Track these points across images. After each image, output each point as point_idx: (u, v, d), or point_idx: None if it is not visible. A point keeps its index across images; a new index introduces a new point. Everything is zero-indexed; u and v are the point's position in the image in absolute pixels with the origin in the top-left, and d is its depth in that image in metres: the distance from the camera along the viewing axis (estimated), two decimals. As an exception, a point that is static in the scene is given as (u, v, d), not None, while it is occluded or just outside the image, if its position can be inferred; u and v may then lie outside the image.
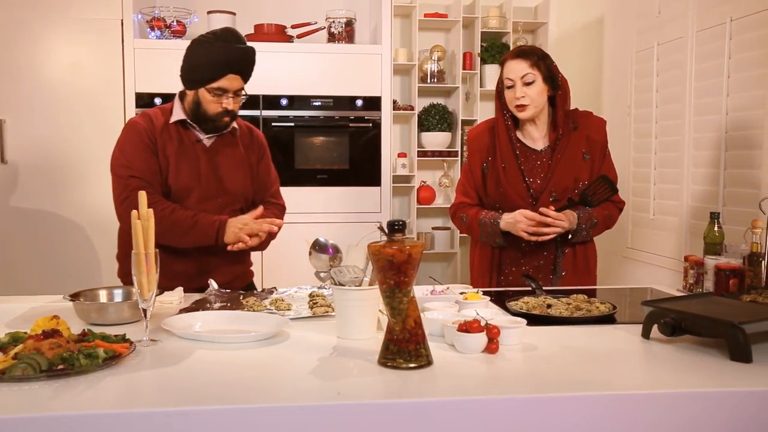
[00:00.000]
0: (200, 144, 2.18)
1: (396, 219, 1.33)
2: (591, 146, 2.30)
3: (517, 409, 1.19)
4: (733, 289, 1.88)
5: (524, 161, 2.29)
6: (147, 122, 2.14)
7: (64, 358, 1.27)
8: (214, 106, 2.10)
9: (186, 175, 2.14)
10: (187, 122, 2.16)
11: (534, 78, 2.21)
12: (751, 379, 1.28)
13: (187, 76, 2.13)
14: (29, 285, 3.36)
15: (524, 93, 2.21)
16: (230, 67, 2.07)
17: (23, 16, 3.40)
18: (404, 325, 1.33)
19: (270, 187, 2.35)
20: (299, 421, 1.14)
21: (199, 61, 2.08)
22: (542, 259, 2.31)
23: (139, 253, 1.49)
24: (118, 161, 2.13)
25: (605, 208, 2.30)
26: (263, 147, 2.35)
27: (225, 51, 2.06)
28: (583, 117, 2.33)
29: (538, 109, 2.25)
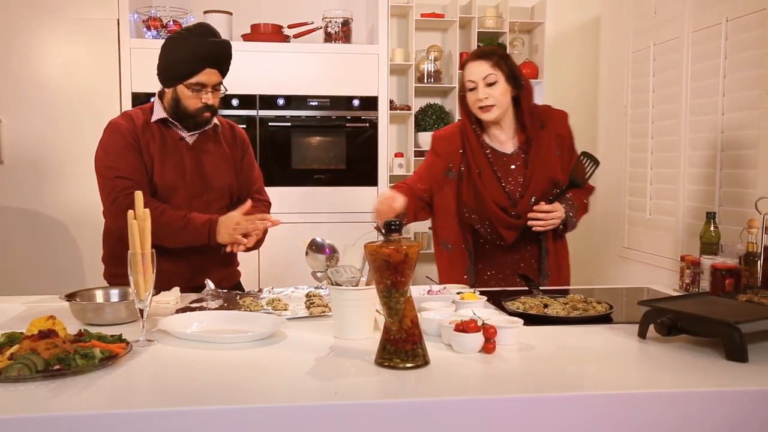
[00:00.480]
0: (183, 142, 2.17)
1: (393, 219, 1.33)
2: (561, 142, 2.28)
3: (514, 409, 1.19)
4: (729, 288, 1.88)
5: (497, 166, 2.25)
6: (128, 122, 2.14)
7: (61, 359, 1.27)
8: (193, 102, 2.10)
9: (171, 174, 2.14)
10: (168, 120, 2.15)
11: (496, 78, 2.16)
12: (746, 379, 1.28)
13: (164, 74, 2.12)
14: (26, 285, 3.35)
15: (487, 94, 2.17)
16: (207, 61, 2.07)
17: (19, 16, 3.39)
18: (401, 325, 1.33)
19: (254, 183, 2.35)
20: (296, 422, 1.14)
21: (175, 58, 2.07)
22: (524, 259, 2.28)
23: (136, 253, 1.49)
24: (103, 163, 2.13)
25: (582, 194, 2.29)
26: (245, 143, 2.35)
27: (200, 46, 2.06)
28: (546, 113, 2.29)
29: (502, 109, 2.20)
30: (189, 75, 2.07)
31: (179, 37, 2.09)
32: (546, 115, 2.28)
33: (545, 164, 2.24)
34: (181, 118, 2.14)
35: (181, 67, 2.07)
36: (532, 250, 2.29)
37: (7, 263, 3.43)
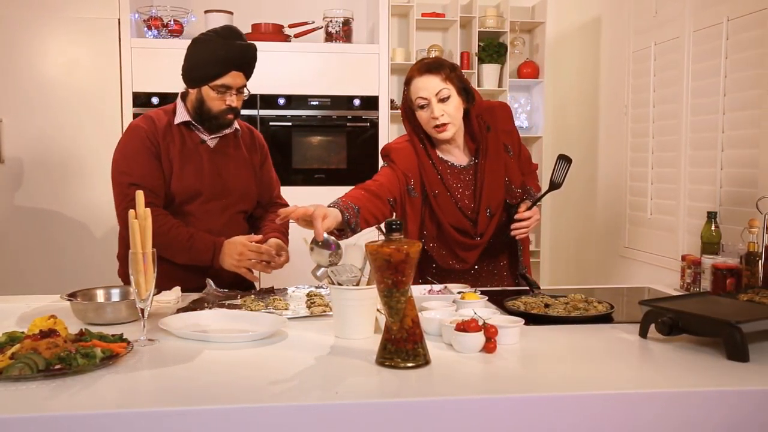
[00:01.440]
0: (204, 145, 2.17)
1: (394, 219, 1.33)
2: (509, 138, 2.16)
3: (515, 409, 1.19)
4: (730, 288, 1.88)
5: (453, 181, 2.11)
6: (149, 125, 2.13)
7: (62, 358, 1.27)
8: (218, 104, 2.10)
9: (190, 178, 2.14)
10: (191, 123, 2.15)
11: (449, 93, 2.00)
12: (748, 379, 1.28)
13: (189, 74, 2.12)
14: (28, 284, 3.35)
15: (442, 111, 1.99)
16: (233, 63, 2.07)
17: (20, 15, 3.39)
18: (402, 325, 1.33)
19: (274, 189, 2.37)
20: (297, 421, 1.14)
21: (201, 59, 2.07)
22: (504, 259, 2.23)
23: (137, 253, 1.49)
24: (119, 167, 2.12)
25: (534, 178, 2.27)
26: (264, 149, 2.35)
27: (227, 48, 2.06)
28: (489, 112, 2.14)
29: (458, 126, 2.06)
30: (215, 77, 2.06)
31: (206, 39, 2.08)
32: (489, 114, 2.14)
33: (495, 171, 2.11)
34: (204, 120, 2.14)
35: (207, 68, 2.06)
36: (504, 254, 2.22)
37: (8, 262, 3.43)
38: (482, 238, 2.12)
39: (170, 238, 2.06)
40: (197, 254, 2.09)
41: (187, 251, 2.09)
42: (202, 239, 2.09)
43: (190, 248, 2.08)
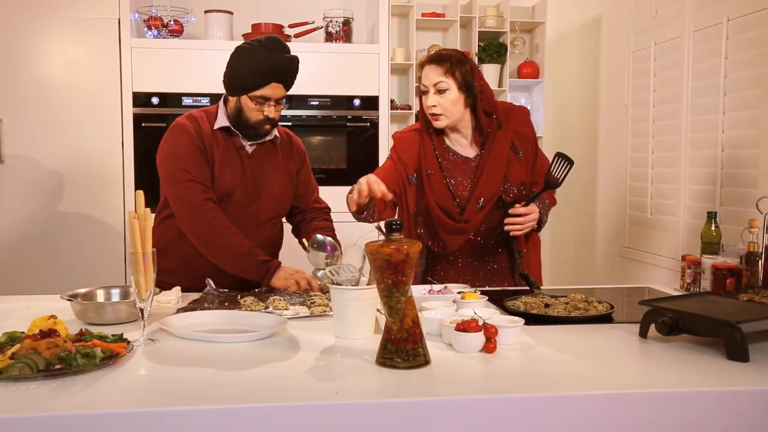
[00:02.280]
0: (243, 150, 2.18)
1: (394, 219, 1.33)
2: (521, 141, 2.19)
3: (515, 409, 1.19)
4: (730, 288, 1.88)
5: (453, 169, 2.17)
6: (195, 125, 2.13)
7: (62, 358, 1.27)
8: (255, 114, 2.09)
9: (228, 180, 2.14)
10: (230, 129, 2.16)
11: (447, 86, 2.07)
12: (748, 379, 1.28)
13: (230, 83, 2.11)
14: (29, 284, 3.36)
15: (436, 102, 2.09)
16: (273, 76, 2.05)
17: (20, 16, 3.39)
18: (402, 325, 1.33)
19: (312, 194, 2.38)
20: (297, 421, 1.14)
21: (242, 69, 2.06)
22: (497, 261, 2.23)
23: (137, 253, 1.49)
24: (175, 165, 2.10)
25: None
26: (303, 154, 2.36)
27: (269, 60, 2.04)
28: (505, 112, 2.20)
29: (452, 119, 2.12)
30: (254, 88, 2.05)
31: (250, 49, 2.07)
32: (505, 114, 2.19)
33: (495, 165, 2.14)
34: (241, 128, 2.14)
35: (247, 78, 2.05)
36: (504, 253, 2.24)
37: (8, 262, 3.43)
38: (467, 224, 2.13)
39: (229, 242, 2.05)
40: (252, 267, 2.06)
41: (242, 261, 2.06)
42: (262, 256, 2.07)
43: (245, 259, 2.05)
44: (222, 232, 2.06)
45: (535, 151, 2.24)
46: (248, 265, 2.07)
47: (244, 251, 2.06)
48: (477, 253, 2.22)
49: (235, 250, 2.06)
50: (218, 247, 2.07)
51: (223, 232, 2.06)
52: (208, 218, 2.06)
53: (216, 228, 2.05)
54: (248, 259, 2.07)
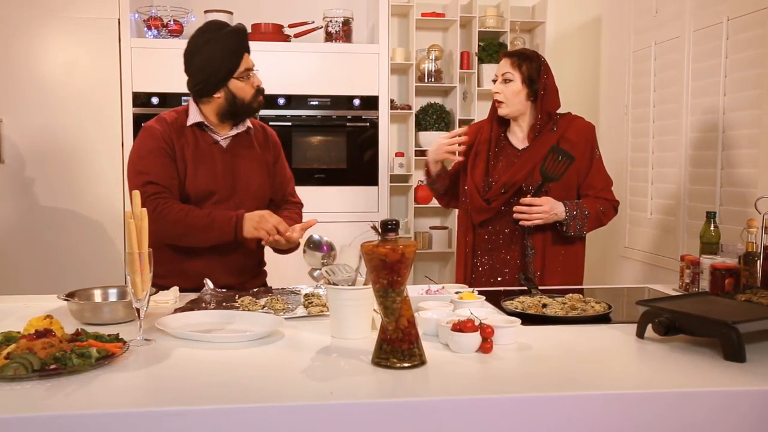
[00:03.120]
0: (217, 146, 2.18)
1: (389, 218, 1.32)
2: (569, 147, 2.27)
3: (510, 409, 1.19)
4: (728, 288, 1.87)
5: (499, 155, 2.36)
6: (163, 126, 2.14)
7: (57, 358, 1.27)
8: (248, 90, 2.13)
9: (204, 178, 2.14)
10: (203, 124, 2.16)
11: (512, 77, 2.30)
12: (744, 379, 1.28)
13: (212, 80, 2.10)
14: (29, 284, 3.36)
15: (500, 90, 2.32)
16: (241, 47, 2.12)
17: (20, 15, 3.40)
18: (397, 325, 1.32)
19: (287, 185, 2.37)
20: (292, 421, 1.14)
21: (214, 59, 2.08)
22: (510, 252, 2.33)
23: (133, 253, 1.49)
24: (135, 167, 2.12)
25: (599, 203, 2.31)
26: (278, 145, 2.36)
27: (230, 37, 2.09)
28: (565, 120, 2.37)
29: (512, 108, 2.32)
30: (236, 66, 2.10)
31: (206, 40, 2.09)
32: (565, 121, 2.35)
33: (529, 159, 2.29)
34: (238, 114, 2.16)
35: (227, 62, 2.09)
36: (516, 246, 2.33)
37: (6, 262, 3.44)
38: (489, 205, 2.31)
39: (189, 222, 2.06)
40: (220, 229, 2.07)
41: (209, 229, 2.07)
42: (222, 214, 2.09)
43: (210, 225, 2.07)
44: (179, 219, 2.06)
45: (588, 162, 2.33)
46: (217, 234, 2.08)
47: (205, 224, 2.07)
48: (495, 239, 2.35)
49: (198, 226, 2.07)
50: (183, 233, 2.07)
51: (180, 218, 2.06)
52: (163, 214, 2.05)
53: (172, 218, 2.05)
54: (213, 228, 2.08)
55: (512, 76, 2.30)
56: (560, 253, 2.32)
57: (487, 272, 2.37)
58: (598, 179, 2.35)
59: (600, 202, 2.32)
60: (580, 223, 2.26)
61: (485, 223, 2.35)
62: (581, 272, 2.41)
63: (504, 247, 2.34)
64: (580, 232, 2.28)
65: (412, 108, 3.95)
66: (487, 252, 2.37)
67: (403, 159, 3.99)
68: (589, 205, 2.29)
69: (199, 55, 2.10)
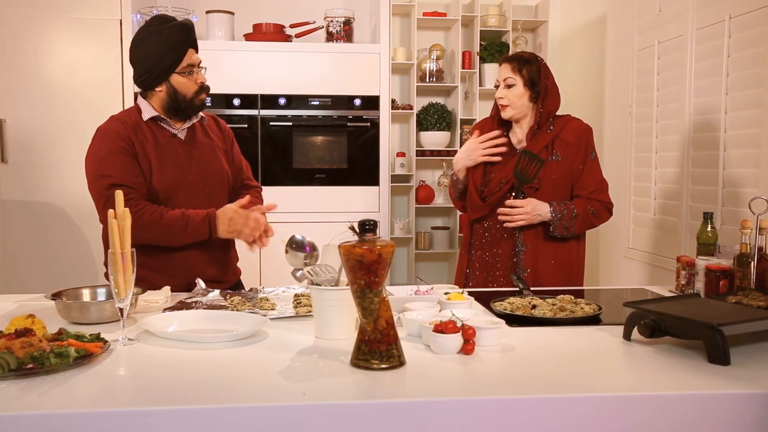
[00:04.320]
0: (176, 138, 2.18)
1: (367, 219, 1.31)
2: (562, 148, 2.34)
3: (485, 411, 1.17)
4: (723, 290, 1.84)
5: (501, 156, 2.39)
6: (119, 125, 2.13)
7: (34, 357, 1.27)
8: (190, 86, 2.13)
9: (170, 172, 2.14)
10: (159, 118, 2.16)
11: (514, 82, 2.34)
12: (726, 383, 1.25)
13: (151, 73, 2.10)
14: (30, 282, 3.38)
15: (504, 95, 2.36)
16: (186, 42, 2.11)
17: (23, 16, 3.42)
18: (376, 326, 1.31)
19: (244, 171, 2.40)
20: (262, 422, 1.13)
21: (156, 52, 2.08)
22: (501, 248, 2.38)
23: (116, 253, 1.48)
24: (96, 171, 2.09)
25: (590, 204, 2.31)
26: (230, 133, 2.38)
27: (174, 31, 2.08)
28: (562, 120, 2.40)
29: (517, 110, 2.37)
30: (178, 61, 2.09)
31: (149, 33, 2.09)
32: (562, 122, 2.38)
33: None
34: (180, 110, 2.15)
35: (168, 56, 2.08)
36: (508, 243, 2.37)
37: (11, 261, 3.46)
38: (485, 203, 2.37)
39: (164, 224, 2.06)
40: (194, 229, 2.08)
41: (184, 230, 2.08)
42: (195, 214, 2.09)
43: (186, 226, 2.07)
44: (153, 220, 2.05)
45: (575, 161, 2.33)
46: (191, 235, 2.09)
47: (181, 225, 2.07)
48: (489, 235, 2.40)
49: (174, 228, 2.07)
50: (158, 235, 2.07)
51: (154, 220, 2.05)
52: (137, 217, 2.00)
53: (146, 220, 2.03)
54: (188, 230, 2.08)
55: (514, 81, 2.34)
56: (552, 250, 2.33)
57: (482, 267, 2.41)
58: (590, 180, 2.35)
59: (592, 203, 2.32)
60: (567, 224, 2.27)
61: (481, 219, 2.41)
62: (579, 271, 2.41)
63: (496, 244, 2.38)
64: (568, 232, 2.29)
65: (414, 108, 3.94)
66: (481, 248, 2.42)
67: (405, 159, 3.98)
68: (578, 206, 2.30)
69: (142, 48, 2.10)
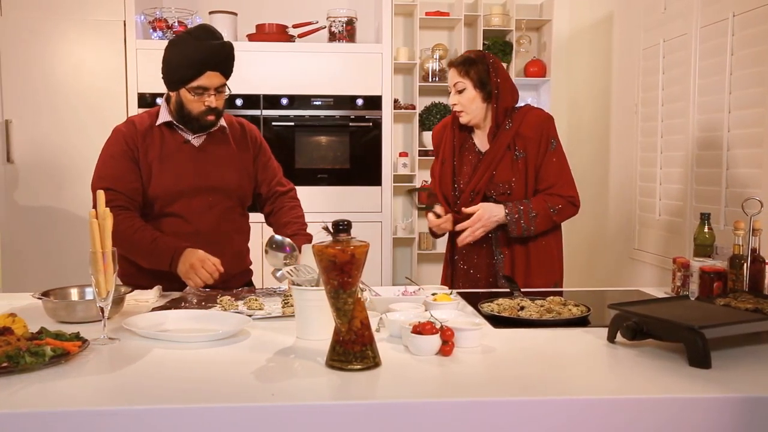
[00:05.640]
0: (188, 144, 2.17)
1: (341, 219, 1.30)
2: (524, 143, 2.26)
3: (454, 413, 1.15)
4: (717, 292, 1.81)
5: (465, 161, 2.34)
6: (129, 128, 2.14)
7: (10, 356, 1.28)
8: (196, 105, 2.08)
9: (169, 178, 2.12)
10: (173, 124, 2.15)
11: (464, 86, 2.27)
12: (705, 386, 1.22)
13: (167, 78, 2.11)
14: (36, 282, 3.39)
15: (456, 101, 2.29)
16: (207, 64, 2.04)
17: (29, 18, 3.46)
18: (350, 326, 1.30)
19: (274, 177, 2.34)
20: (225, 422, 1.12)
21: (176, 62, 2.06)
22: (480, 256, 2.34)
23: (96, 252, 1.49)
24: (98, 172, 2.13)
25: (550, 201, 2.23)
26: (257, 140, 2.32)
27: (200, 49, 2.03)
28: (520, 114, 2.29)
29: (472, 115, 2.29)
30: (190, 79, 2.05)
31: (179, 41, 2.07)
32: (520, 116, 2.29)
33: (489, 161, 2.28)
34: (185, 121, 2.13)
35: (182, 71, 2.05)
36: (485, 250, 2.32)
37: (18, 261, 3.50)
38: (458, 214, 2.30)
39: (134, 241, 2.05)
40: (158, 257, 2.05)
41: (149, 255, 2.06)
42: (165, 243, 2.06)
43: (152, 252, 2.05)
44: (127, 235, 2.02)
45: (538, 154, 2.25)
46: (156, 259, 2.05)
47: (148, 249, 2.05)
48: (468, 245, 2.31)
49: (141, 248, 2.05)
50: (127, 249, 2.05)
51: (127, 234, 2.02)
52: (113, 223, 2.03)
53: (119, 228, 1.94)
54: (154, 255, 2.05)
55: (463, 84, 2.26)
56: (528, 251, 2.28)
57: (464, 276, 2.37)
58: (550, 173, 2.25)
59: (553, 200, 2.23)
60: (525, 224, 2.20)
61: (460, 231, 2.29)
62: (558, 267, 2.35)
63: (476, 252, 2.34)
64: (528, 233, 2.22)
65: (416, 108, 3.92)
66: (462, 257, 2.38)
67: (407, 159, 3.96)
68: (536, 205, 2.21)
69: (167, 51, 2.10)
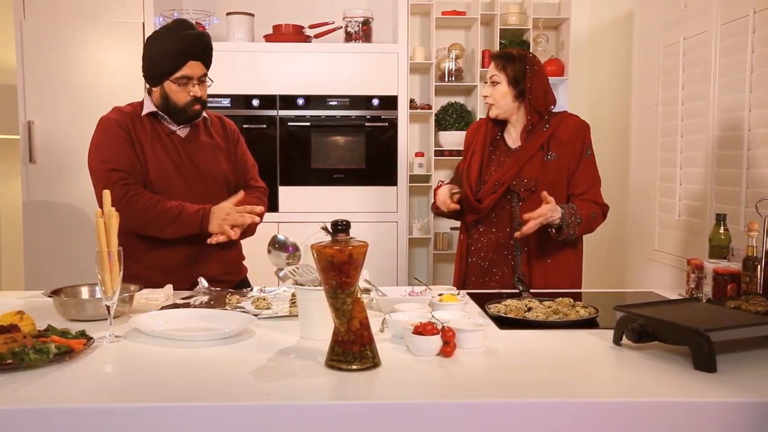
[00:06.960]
0: (175, 135, 2.21)
1: (340, 219, 1.30)
2: (558, 146, 2.27)
3: (452, 414, 1.14)
4: (731, 294, 1.77)
5: (495, 156, 2.35)
6: (119, 115, 2.18)
7: (15, 353, 1.30)
8: (182, 96, 2.14)
9: (167, 166, 2.16)
10: (158, 114, 2.19)
11: (499, 80, 2.30)
12: (709, 390, 1.20)
13: (149, 73, 2.16)
14: (56, 279, 3.44)
15: (488, 92, 2.33)
16: (189, 54, 2.11)
17: (51, 22, 3.51)
18: (349, 327, 1.30)
19: (249, 171, 2.39)
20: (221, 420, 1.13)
21: (157, 55, 2.11)
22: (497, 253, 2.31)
23: (102, 251, 1.51)
24: (96, 158, 2.17)
25: (590, 209, 2.24)
26: (236, 133, 2.38)
27: (179, 40, 2.10)
28: (558, 118, 2.33)
29: (501, 109, 2.32)
30: (173, 70, 2.11)
31: (159, 35, 2.14)
32: (556, 119, 2.32)
33: (518, 158, 2.28)
34: (172, 113, 2.17)
35: (166, 62, 2.11)
36: (505, 248, 2.31)
37: (40, 260, 3.56)
38: (480, 205, 2.30)
39: (160, 210, 2.08)
40: (186, 221, 2.09)
41: (176, 220, 2.09)
42: (190, 207, 2.11)
43: (179, 216, 2.09)
44: (149, 206, 2.08)
45: (571, 159, 2.27)
46: (184, 226, 2.10)
47: (174, 214, 2.09)
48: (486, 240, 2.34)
49: (167, 216, 2.09)
50: (150, 221, 2.09)
51: (150, 206, 2.08)
52: (133, 201, 2.07)
53: (141, 205, 2.07)
54: (181, 220, 2.09)
55: (498, 78, 2.30)
56: (549, 254, 2.28)
57: (479, 272, 2.35)
58: (584, 178, 2.28)
59: (591, 207, 2.24)
60: (572, 231, 2.19)
61: (477, 222, 2.35)
62: (578, 272, 2.36)
63: (492, 249, 2.32)
64: (569, 237, 2.21)
65: (432, 107, 3.90)
66: (478, 252, 2.36)
67: (423, 159, 3.95)
68: (583, 212, 2.21)
69: (147, 47, 2.15)
